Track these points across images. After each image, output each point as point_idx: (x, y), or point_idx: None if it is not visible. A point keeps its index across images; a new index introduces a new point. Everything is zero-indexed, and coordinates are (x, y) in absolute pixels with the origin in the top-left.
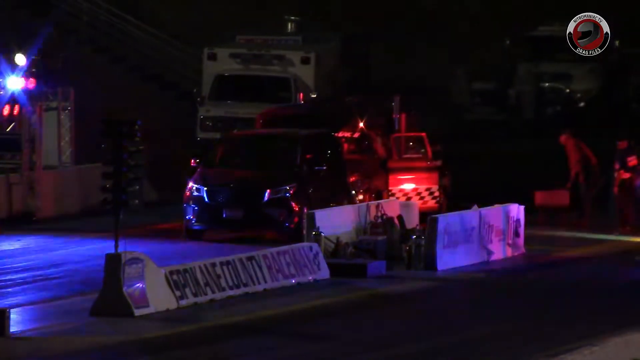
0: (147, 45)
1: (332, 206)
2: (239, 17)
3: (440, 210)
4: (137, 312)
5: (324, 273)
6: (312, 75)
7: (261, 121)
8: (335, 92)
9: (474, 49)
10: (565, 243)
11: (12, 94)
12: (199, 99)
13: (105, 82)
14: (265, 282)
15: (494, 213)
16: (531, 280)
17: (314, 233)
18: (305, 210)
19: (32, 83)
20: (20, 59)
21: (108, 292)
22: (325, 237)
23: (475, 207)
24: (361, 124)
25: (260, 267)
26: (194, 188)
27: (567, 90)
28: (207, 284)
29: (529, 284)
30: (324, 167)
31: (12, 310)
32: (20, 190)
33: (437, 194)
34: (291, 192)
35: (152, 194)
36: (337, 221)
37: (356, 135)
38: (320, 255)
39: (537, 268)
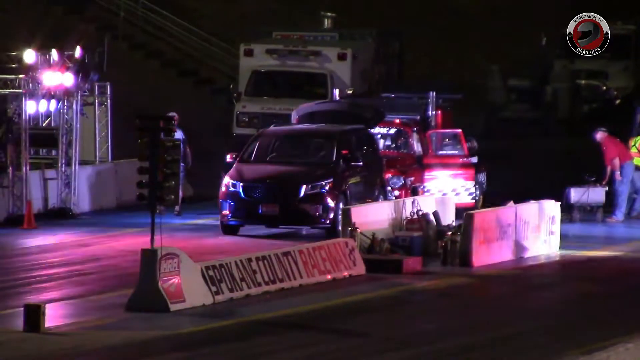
0: (183, 41)
1: (368, 202)
2: (276, 14)
3: (476, 206)
4: (173, 307)
5: (360, 269)
6: (348, 72)
7: (297, 117)
8: (371, 88)
9: (510, 46)
10: (600, 240)
11: (49, 90)
12: (235, 95)
13: (141, 77)
14: (301, 277)
15: (529, 209)
16: (565, 277)
17: (349, 229)
18: (341, 206)
19: (69, 78)
20: (58, 55)
21: (144, 288)
22: (361, 233)
23: (511, 203)
24: (397, 120)
25: (296, 263)
26: (230, 184)
27: (604, 88)
28: (243, 279)
29: (563, 281)
30: (360, 163)
31: (47, 306)
32: (56, 186)
33: (472, 190)
34: (327, 187)
35: (188, 189)
36: (373, 217)
37: (392, 131)
38: (356, 251)
39: (571, 265)
